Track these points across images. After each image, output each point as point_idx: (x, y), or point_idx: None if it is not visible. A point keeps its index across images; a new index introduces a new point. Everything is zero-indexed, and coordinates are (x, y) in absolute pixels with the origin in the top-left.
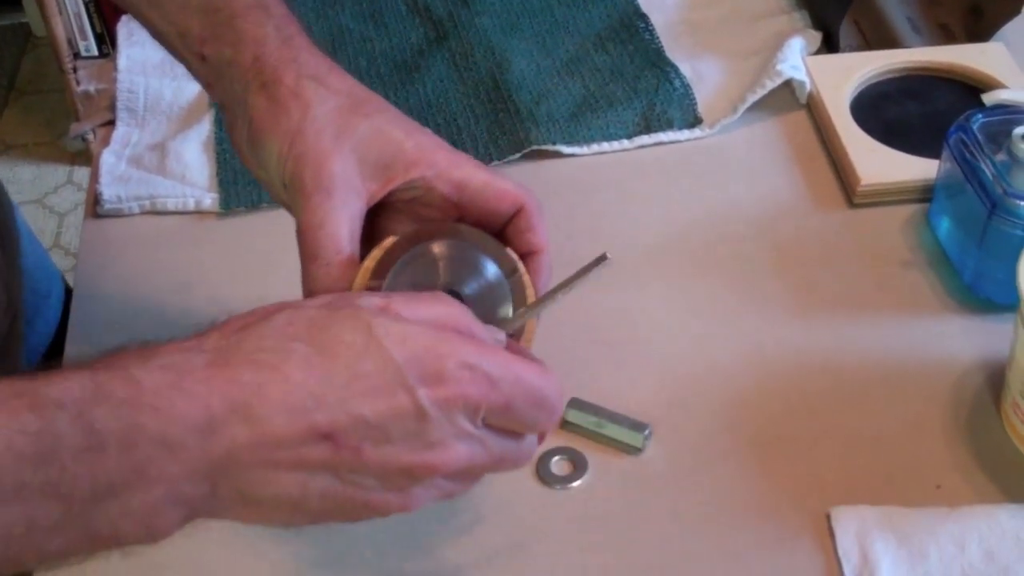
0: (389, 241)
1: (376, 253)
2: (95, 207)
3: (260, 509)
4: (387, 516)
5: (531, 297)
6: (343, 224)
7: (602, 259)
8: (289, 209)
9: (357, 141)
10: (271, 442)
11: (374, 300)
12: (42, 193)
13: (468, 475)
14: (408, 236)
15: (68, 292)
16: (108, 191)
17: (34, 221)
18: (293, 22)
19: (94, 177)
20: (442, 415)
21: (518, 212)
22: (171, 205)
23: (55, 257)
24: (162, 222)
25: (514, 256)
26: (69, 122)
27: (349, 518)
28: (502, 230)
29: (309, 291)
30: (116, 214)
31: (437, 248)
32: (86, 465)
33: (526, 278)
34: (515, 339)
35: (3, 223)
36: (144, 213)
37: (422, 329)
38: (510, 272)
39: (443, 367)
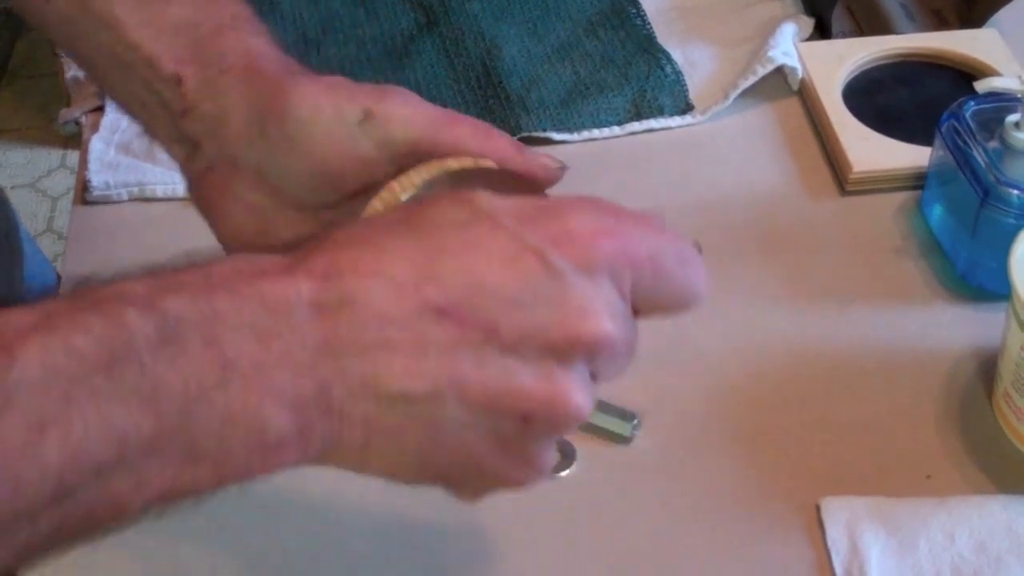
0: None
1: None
2: (84, 194)
3: (389, 420)
4: (553, 424)
5: None
6: None
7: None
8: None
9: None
10: (377, 318)
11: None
12: (35, 177)
13: (619, 357)
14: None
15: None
16: (97, 178)
17: (27, 205)
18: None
19: (83, 164)
20: (580, 275)
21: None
22: (160, 192)
23: (47, 241)
24: (151, 209)
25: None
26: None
27: (504, 434)
28: None
29: None
30: (105, 201)
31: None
32: (168, 363)
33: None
34: None
35: (8, 236)
36: (133, 200)
37: (531, 200)
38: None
39: (569, 226)
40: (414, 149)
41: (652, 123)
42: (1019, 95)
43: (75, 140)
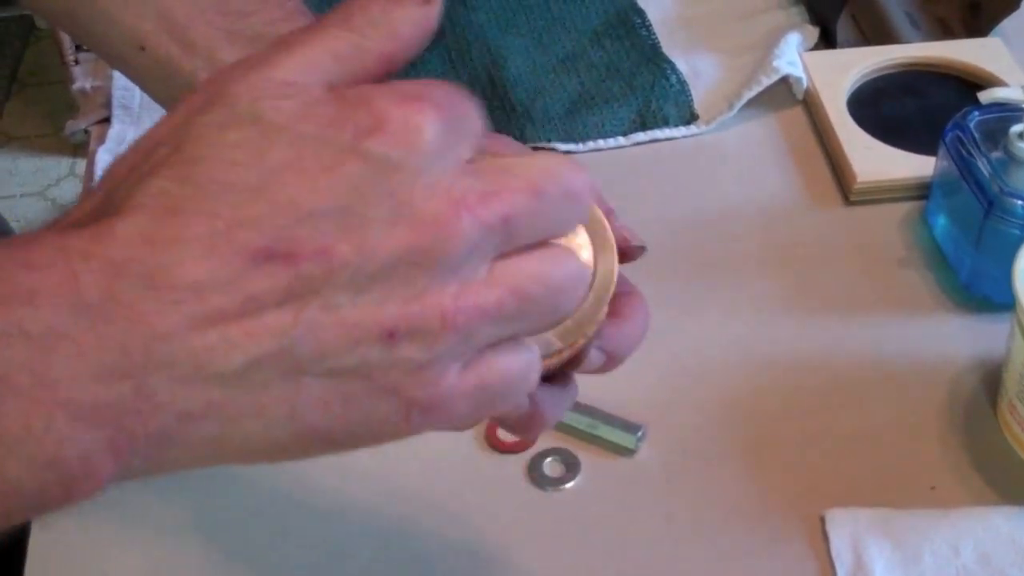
0: None
1: None
2: (91, 184)
3: (242, 397)
4: (429, 339)
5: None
6: None
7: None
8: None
9: None
10: (190, 288)
11: (246, 66)
12: (44, 186)
13: (488, 244)
14: None
15: None
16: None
17: (36, 213)
18: None
19: (88, 176)
20: (414, 161)
21: None
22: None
23: None
24: None
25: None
26: (71, 114)
27: (377, 362)
28: None
29: None
30: None
31: None
32: None
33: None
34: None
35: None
36: None
37: (324, 93)
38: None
39: (376, 112)
40: None
41: (657, 133)
42: (1023, 105)
43: (84, 148)
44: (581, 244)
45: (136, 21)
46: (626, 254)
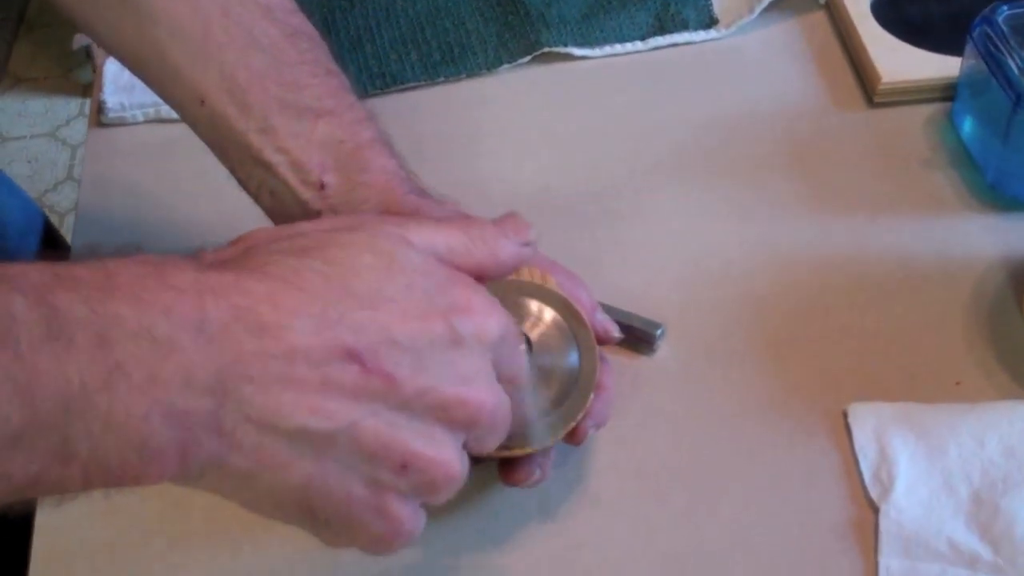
0: None
1: None
2: (99, 116)
3: (281, 453)
4: (425, 482)
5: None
6: None
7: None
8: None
9: None
10: (288, 352)
11: (390, 223)
12: (54, 126)
13: (494, 429)
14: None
15: (48, 228)
16: (112, 99)
17: (46, 154)
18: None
19: (97, 86)
20: (475, 347)
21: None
22: (176, 113)
23: (67, 190)
24: (167, 131)
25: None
26: (81, 55)
27: (381, 483)
28: None
29: None
30: (120, 123)
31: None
32: (50, 357)
33: (586, 321)
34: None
35: None
36: (149, 122)
37: (439, 264)
38: (569, 316)
39: (470, 299)
40: None
41: (676, 37)
42: None
43: (92, 89)
44: (569, 348)
45: (201, 78)
46: (605, 340)
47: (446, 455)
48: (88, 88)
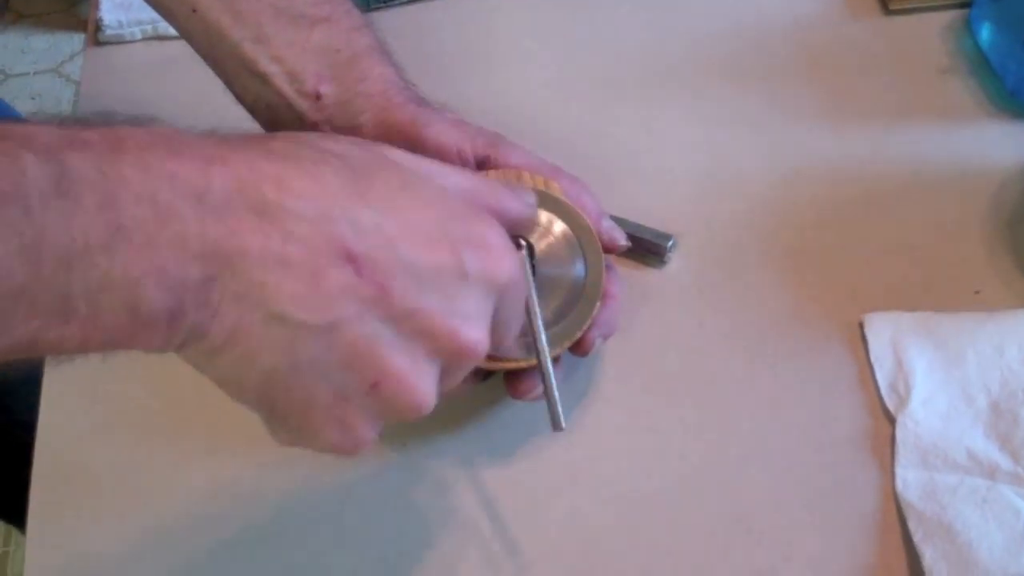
0: None
1: None
2: (96, 34)
3: (256, 334)
4: (393, 406)
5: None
6: None
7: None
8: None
9: None
10: (284, 235)
11: (408, 155)
12: (57, 62)
13: (465, 370)
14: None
15: None
16: (109, 16)
17: (50, 90)
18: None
19: (94, 4)
20: (479, 286)
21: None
22: (174, 30)
23: None
24: (166, 48)
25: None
26: None
27: (347, 394)
28: None
29: None
30: (118, 40)
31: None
32: (57, 214)
33: (592, 229)
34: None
35: None
36: (147, 39)
37: (463, 199)
38: (573, 223)
39: (488, 237)
40: None
41: None
42: None
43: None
44: (575, 257)
45: None
46: (612, 249)
47: (423, 385)
48: None
